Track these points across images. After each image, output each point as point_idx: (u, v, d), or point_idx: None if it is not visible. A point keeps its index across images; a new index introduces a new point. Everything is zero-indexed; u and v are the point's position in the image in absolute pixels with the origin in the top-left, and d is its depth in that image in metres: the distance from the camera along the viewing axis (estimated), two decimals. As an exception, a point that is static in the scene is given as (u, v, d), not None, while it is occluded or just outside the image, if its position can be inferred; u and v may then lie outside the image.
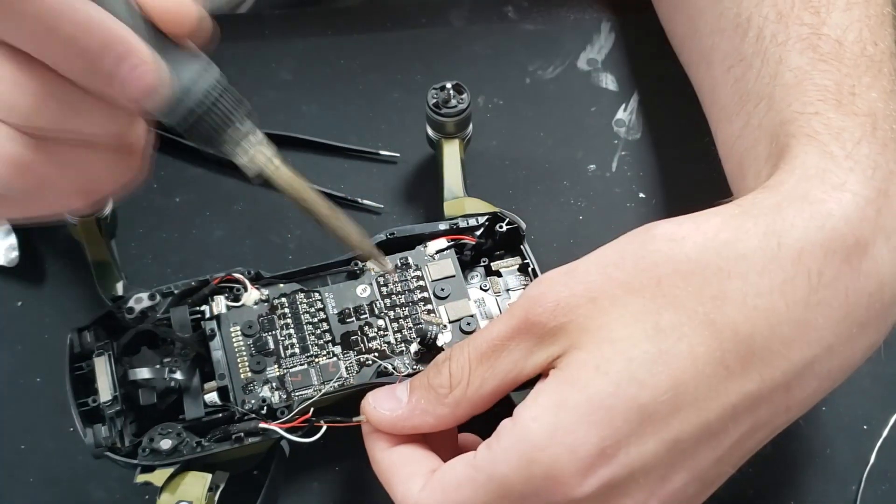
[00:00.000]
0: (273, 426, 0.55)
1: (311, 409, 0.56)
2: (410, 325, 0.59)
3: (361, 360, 0.58)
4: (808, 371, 0.46)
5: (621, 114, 0.76)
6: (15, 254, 0.67)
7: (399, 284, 0.61)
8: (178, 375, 0.56)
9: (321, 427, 0.55)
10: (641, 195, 0.71)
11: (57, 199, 0.47)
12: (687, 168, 0.72)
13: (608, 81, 0.77)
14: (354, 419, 0.54)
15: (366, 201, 0.71)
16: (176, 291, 0.60)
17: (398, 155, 0.73)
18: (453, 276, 0.61)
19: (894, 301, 0.48)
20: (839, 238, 0.47)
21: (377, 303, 0.60)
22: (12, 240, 0.67)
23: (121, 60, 0.43)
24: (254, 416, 0.56)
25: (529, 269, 0.61)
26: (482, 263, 0.63)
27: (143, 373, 0.56)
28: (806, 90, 0.53)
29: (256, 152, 0.49)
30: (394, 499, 0.51)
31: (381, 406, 0.53)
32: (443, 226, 0.63)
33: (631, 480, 0.45)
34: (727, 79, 0.61)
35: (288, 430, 0.55)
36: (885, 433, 0.62)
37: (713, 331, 0.45)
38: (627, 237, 0.49)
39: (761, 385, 0.46)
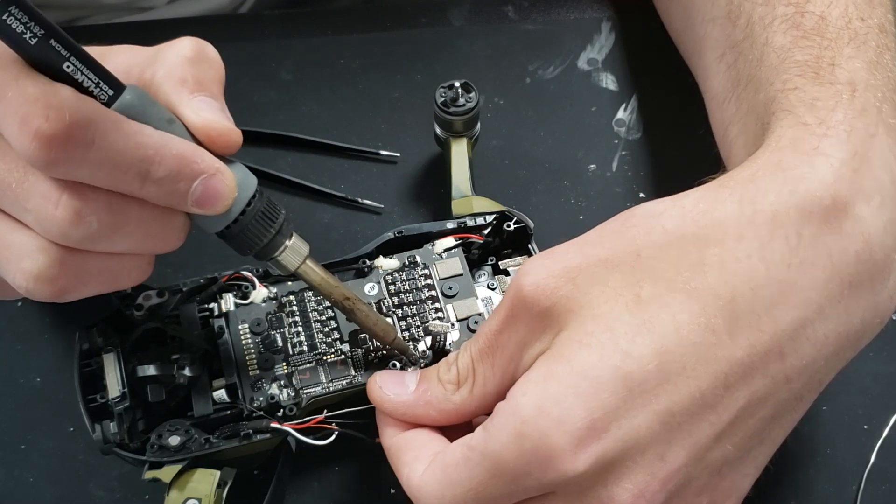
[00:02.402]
0: (286, 427, 0.55)
1: (325, 412, 0.55)
2: (418, 323, 0.59)
3: (369, 357, 0.58)
4: (801, 335, 0.46)
5: (621, 114, 0.76)
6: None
7: (407, 283, 0.61)
8: (187, 372, 0.56)
9: (333, 429, 0.55)
10: (641, 195, 0.71)
11: (78, 296, 0.48)
12: (687, 168, 0.71)
13: (608, 81, 0.77)
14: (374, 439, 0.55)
15: (366, 201, 0.71)
16: (184, 289, 0.59)
17: (398, 155, 0.73)
18: (461, 274, 0.61)
19: (884, 263, 0.48)
20: (814, 199, 0.47)
21: (385, 301, 0.60)
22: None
23: (195, 175, 0.46)
24: (262, 413, 0.56)
25: (537, 267, 0.61)
26: (490, 262, 0.63)
27: (152, 369, 0.55)
28: (787, 68, 0.54)
29: (292, 254, 0.53)
30: (399, 480, 0.51)
31: (387, 388, 0.53)
32: (451, 224, 0.63)
33: (627, 458, 0.45)
34: (720, 67, 0.61)
35: (300, 432, 0.55)
36: (885, 433, 0.62)
37: (695, 298, 0.46)
38: (609, 220, 0.50)
39: (751, 351, 0.45)
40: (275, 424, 0.54)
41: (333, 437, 0.55)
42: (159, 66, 0.49)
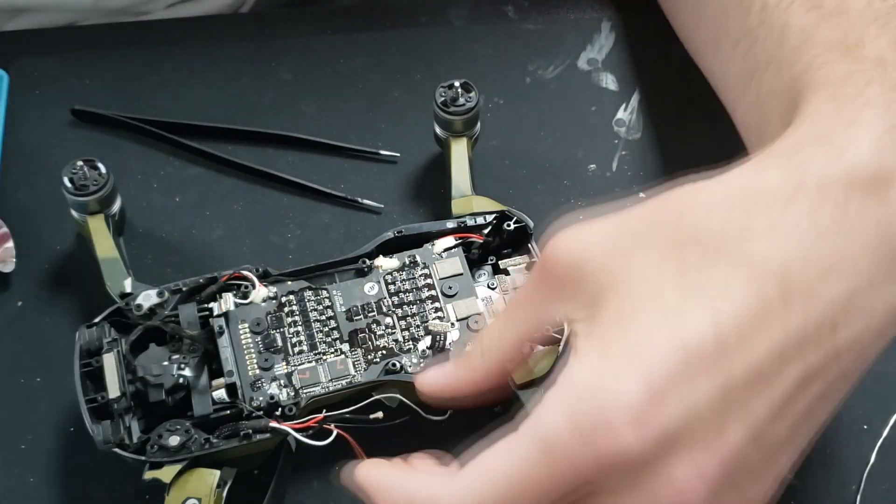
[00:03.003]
0: (284, 426, 0.55)
1: (324, 411, 0.56)
2: (418, 322, 0.59)
3: (369, 357, 0.58)
4: (852, 306, 0.44)
5: (621, 114, 0.76)
6: (12, 259, 0.66)
7: (407, 282, 0.61)
8: (187, 372, 0.56)
9: (332, 430, 0.55)
10: (642, 195, 0.71)
11: None
12: (687, 168, 0.71)
13: (608, 81, 0.77)
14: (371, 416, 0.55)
15: (366, 201, 0.71)
16: (184, 288, 0.60)
17: (398, 155, 0.73)
18: (461, 274, 0.61)
19: None
20: (859, 169, 0.46)
21: (385, 300, 0.60)
22: (9, 245, 0.67)
23: None
24: (261, 413, 0.56)
25: (537, 267, 0.61)
26: (490, 262, 0.63)
27: (152, 369, 0.56)
28: (812, 46, 0.53)
29: None
30: None
31: (428, 374, 0.54)
32: (450, 224, 0.63)
33: (686, 434, 0.43)
34: (735, 56, 0.61)
35: (299, 431, 0.55)
36: (885, 433, 0.62)
37: (745, 265, 0.44)
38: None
39: (805, 321, 0.44)
40: (273, 424, 0.54)
41: (332, 437, 0.55)
42: None
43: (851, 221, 0.45)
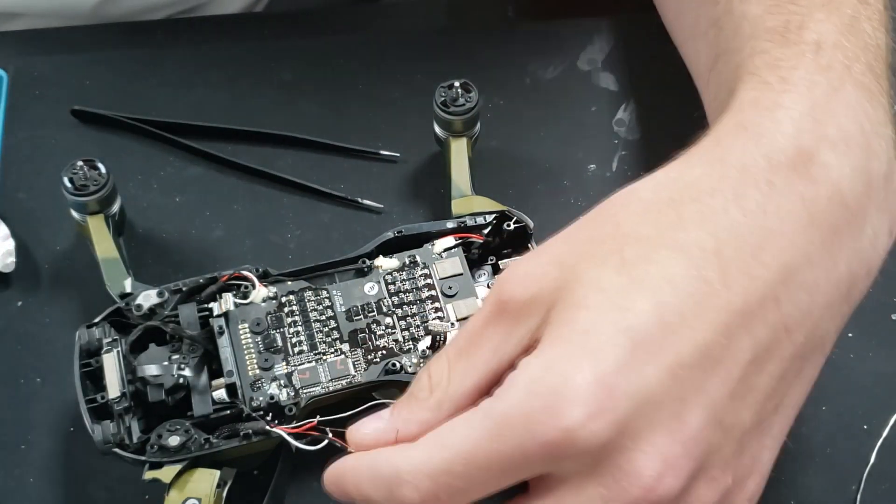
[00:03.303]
0: (280, 430, 0.55)
1: (318, 417, 0.55)
2: (418, 322, 0.59)
3: (369, 357, 0.58)
4: (791, 281, 0.46)
5: (621, 114, 0.76)
6: (12, 259, 0.66)
7: (407, 282, 0.61)
8: (187, 372, 0.56)
9: (326, 434, 0.55)
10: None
11: None
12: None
13: (608, 81, 0.77)
14: None
15: (366, 201, 0.71)
16: (184, 288, 0.60)
17: (398, 154, 0.73)
18: (461, 274, 0.61)
19: (858, 208, 0.48)
20: (779, 150, 0.47)
21: (385, 301, 0.60)
22: (9, 245, 0.67)
23: None
24: (261, 414, 0.56)
25: (537, 266, 0.61)
26: (490, 262, 0.63)
27: (152, 370, 0.56)
28: (757, 35, 0.54)
29: None
30: (377, 485, 0.47)
31: (364, 428, 0.50)
32: (450, 224, 0.63)
33: (641, 417, 0.43)
34: (703, 45, 0.62)
35: (295, 437, 0.55)
36: (885, 433, 0.62)
37: (680, 252, 0.45)
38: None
39: (747, 298, 0.45)
40: (269, 428, 0.55)
41: (324, 443, 0.54)
42: None
43: (776, 201, 0.47)
